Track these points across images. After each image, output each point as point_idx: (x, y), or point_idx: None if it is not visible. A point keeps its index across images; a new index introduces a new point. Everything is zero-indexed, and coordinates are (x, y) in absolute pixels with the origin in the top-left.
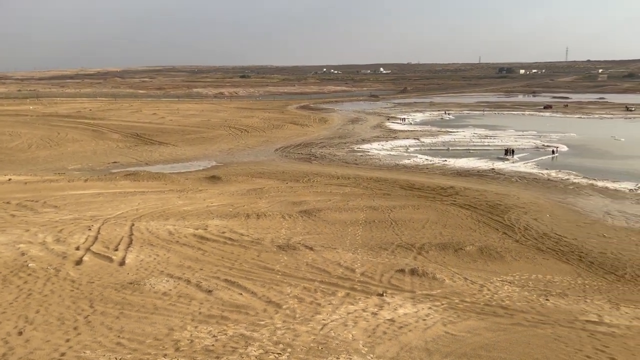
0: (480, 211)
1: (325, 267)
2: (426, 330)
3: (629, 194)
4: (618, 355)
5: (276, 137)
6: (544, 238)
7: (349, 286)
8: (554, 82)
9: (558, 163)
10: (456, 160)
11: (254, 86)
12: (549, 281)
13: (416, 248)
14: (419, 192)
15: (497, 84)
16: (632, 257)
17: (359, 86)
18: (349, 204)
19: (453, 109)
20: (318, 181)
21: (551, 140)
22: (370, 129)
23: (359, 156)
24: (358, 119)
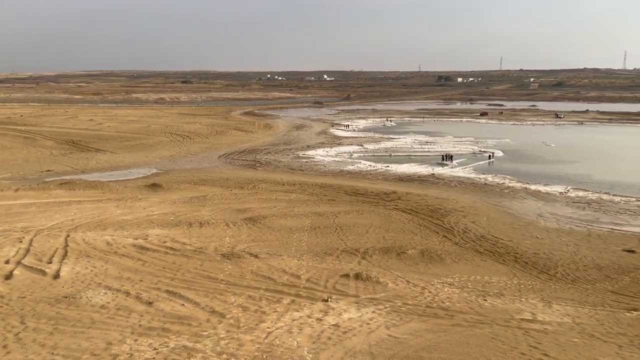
0: (421, 215)
1: (271, 275)
2: (370, 334)
3: (559, 196)
4: (550, 351)
5: (220, 143)
6: (482, 240)
7: (295, 293)
8: (489, 90)
9: (494, 168)
10: (398, 165)
11: (196, 92)
12: (486, 282)
13: (360, 253)
14: (363, 197)
15: (436, 91)
16: (562, 257)
17: (304, 93)
18: (295, 211)
19: (395, 116)
20: (263, 188)
21: (487, 146)
22: (315, 136)
23: (304, 162)
24: (303, 126)
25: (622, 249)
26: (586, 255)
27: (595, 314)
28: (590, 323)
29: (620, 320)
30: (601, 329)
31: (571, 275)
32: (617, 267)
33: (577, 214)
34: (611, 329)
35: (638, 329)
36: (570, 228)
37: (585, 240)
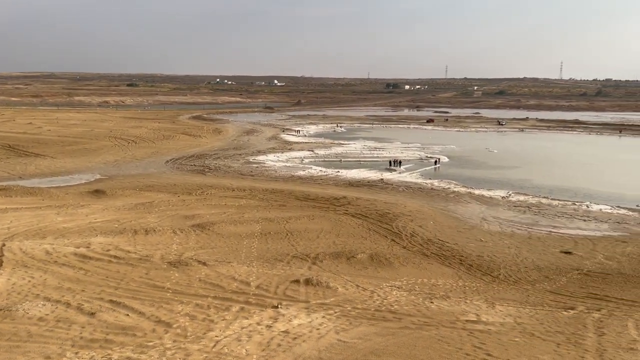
0: (370, 220)
1: (219, 282)
2: (320, 339)
3: (501, 201)
4: (493, 351)
5: (167, 148)
6: (429, 244)
7: (244, 300)
8: (435, 98)
9: (440, 173)
10: (348, 171)
11: (142, 95)
12: (433, 284)
13: (311, 258)
14: (314, 202)
15: (385, 98)
16: (505, 259)
17: (254, 98)
18: (245, 216)
19: (345, 122)
20: (212, 193)
21: (434, 152)
22: (266, 141)
23: (254, 168)
24: (253, 131)
25: (560, 250)
26: (527, 257)
27: (535, 314)
28: (530, 322)
29: (558, 319)
30: (540, 328)
31: (513, 276)
32: (555, 268)
33: (518, 218)
34: (550, 328)
35: (574, 327)
36: (512, 231)
37: (526, 243)
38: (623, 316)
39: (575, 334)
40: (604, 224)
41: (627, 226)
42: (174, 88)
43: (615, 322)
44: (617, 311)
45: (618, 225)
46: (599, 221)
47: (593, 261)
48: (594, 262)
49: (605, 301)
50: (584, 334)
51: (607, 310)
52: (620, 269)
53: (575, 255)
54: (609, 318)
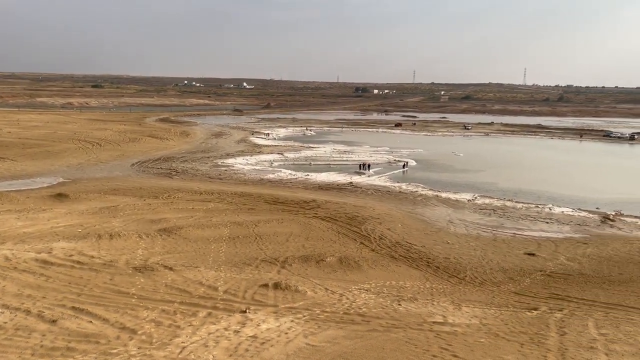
0: (340, 223)
1: (186, 287)
2: (288, 343)
3: (467, 203)
4: (459, 352)
5: (133, 151)
6: (397, 246)
7: (211, 305)
8: (403, 102)
9: (408, 176)
10: (318, 174)
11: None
12: (401, 287)
13: (280, 262)
14: (283, 206)
15: (354, 102)
16: (470, 261)
17: (223, 100)
18: (213, 220)
19: (314, 125)
20: (179, 197)
21: (402, 156)
22: (235, 144)
23: (223, 171)
24: (222, 133)
25: (524, 252)
26: (492, 259)
27: (500, 315)
28: (495, 323)
29: (522, 319)
30: (505, 329)
31: (479, 278)
32: (519, 270)
33: (483, 220)
34: (514, 328)
35: (537, 327)
36: (478, 233)
37: (491, 245)
38: (584, 316)
39: (538, 333)
40: (566, 226)
41: (588, 228)
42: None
43: (576, 321)
44: (578, 311)
45: (579, 227)
46: (561, 223)
47: (555, 262)
48: (556, 263)
49: (566, 301)
50: (546, 333)
51: (568, 310)
52: (581, 270)
53: (539, 256)
54: (570, 318)
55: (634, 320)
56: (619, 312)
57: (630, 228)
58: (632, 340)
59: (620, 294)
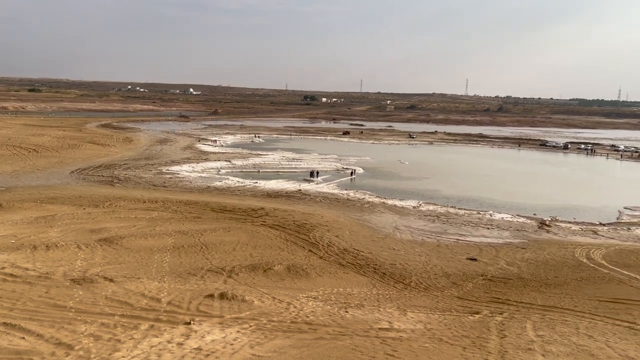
0: (288, 231)
1: (128, 299)
2: (233, 354)
3: (412, 210)
4: (405, 358)
5: (72, 157)
6: (345, 253)
7: (154, 317)
8: (351, 111)
9: (356, 184)
10: (266, 182)
11: (46, 101)
12: (348, 294)
13: (226, 271)
14: (231, 214)
15: (302, 110)
16: (416, 267)
17: (168, 106)
18: (156, 229)
19: (263, 133)
20: (121, 206)
21: (350, 163)
22: (181, 150)
23: (168, 178)
24: (167, 140)
25: (466, 257)
26: (436, 264)
27: (444, 319)
28: (439, 328)
29: (465, 323)
30: (448, 333)
31: (424, 283)
32: (462, 275)
33: (428, 227)
34: (457, 332)
35: (479, 331)
36: (423, 239)
37: (435, 251)
38: (522, 318)
39: (480, 337)
40: (506, 231)
41: (526, 233)
42: (81, 94)
43: (516, 324)
44: (517, 314)
45: (518, 233)
46: (501, 229)
47: (496, 267)
48: (496, 267)
49: (506, 305)
50: (487, 337)
51: (508, 313)
52: (519, 274)
53: (480, 261)
54: (510, 321)
55: (568, 322)
56: (555, 314)
57: (565, 233)
58: (567, 341)
59: (556, 296)
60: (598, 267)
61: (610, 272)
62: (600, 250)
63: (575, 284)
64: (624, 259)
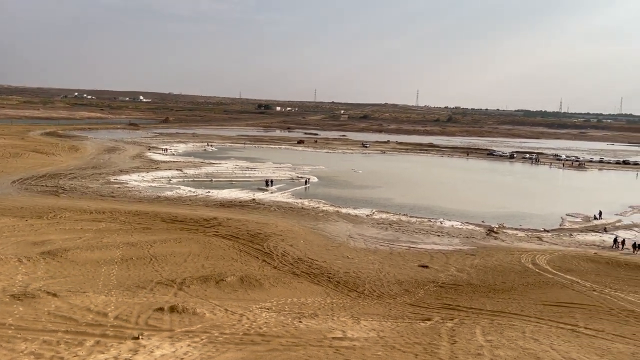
0: (242, 241)
1: (72, 315)
2: None
3: (366, 218)
4: None
5: (14, 167)
6: (299, 263)
7: (100, 333)
8: (305, 120)
9: (310, 193)
10: (219, 191)
11: None
12: (302, 303)
13: (177, 283)
14: (182, 224)
15: (256, 118)
16: (369, 275)
17: (117, 114)
18: (104, 241)
19: (216, 141)
20: (66, 217)
21: (304, 172)
22: (130, 159)
23: (116, 188)
24: (115, 149)
25: (418, 264)
26: (389, 272)
27: (397, 327)
28: (392, 335)
29: (417, 330)
30: (401, 340)
31: (377, 291)
32: (414, 282)
33: (381, 234)
34: (409, 339)
35: (430, 337)
36: (376, 247)
37: (388, 258)
38: (472, 324)
39: (431, 343)
40: (455, 238)
41: (475, 240)
42: (24, 101)
43: (465, 329)
44: (467, 319)
45: (467, 240)
46: (451, 236)
47: (446, 274)
48: (447, 274)
49: (457, 310)
50: (438, 343)
51: (458, 319)
52: (469, 280)
53: (431, 268)
54: (460, 326)
55: (515, 326)
56: (503, 318)
57: (512, 239)
58: (514, 345)
59: (503, 301)
60: (543, 272)
61: (554, 276)
62: (544, 255)
63: (521, 289)
64: (566, 264)
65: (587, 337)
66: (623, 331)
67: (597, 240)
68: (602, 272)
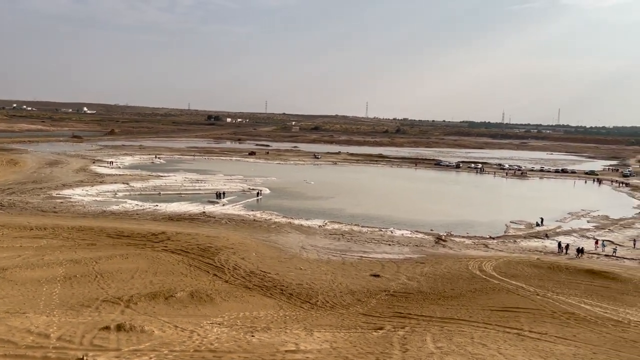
0: (192, 255)
1: (11, 337)
2: None
3: (318, 229)
4: None
5: None
6: (251, 276)
7: (41, 355)
8: (256, 131)
9: (262, 204)
10: (168, 204)
11: None
12: (255, 317)
13: (124, 301)
14: (129, 239)
15: (206, 130)
16: (322, 286)
17: (59, 126)
18: (45, 259)
19: (164, 153)
20: (4, 234)
21: (256, 184)
22: (73, 173)
23: (58, 203)
24: (58, 162)
25: (370, 274)
26: (342, 282)
27: (349, 337)
28: (345, 346)
29: (369, 339)
30: (354, 350)
31: (330, 302)
32: (366, 291)
33: (333, 245)
34: (362, 349)
35: (383, 346)
36: (328, 258)
37: (340, 269)
38: (423, 331)
39: (383, 352)
40: (406, 247)
41: (424, 248)
42: None
43: (417, 337)
44: (418, 327)
45: (417, 248)
46: (402, 245)
47: (398, 282)
48: (398, 283)
49: (408, 318)
50: (391, 352)
51: (409, 327)
52: (419, 288)
53: (383, 277)
54: (411, 334)
55: (464, 332)
56: (452, 325)
57: (459, 247)
58: (463, 351)
59: (453, 308)
60: (489, 278)
61: (500, 282)
62: (490, 262)
63: (470, 295)
64: (511, 270)
65: (531, 341)
66: (565, 333)
67: (540, 246)
68: (544, 277)
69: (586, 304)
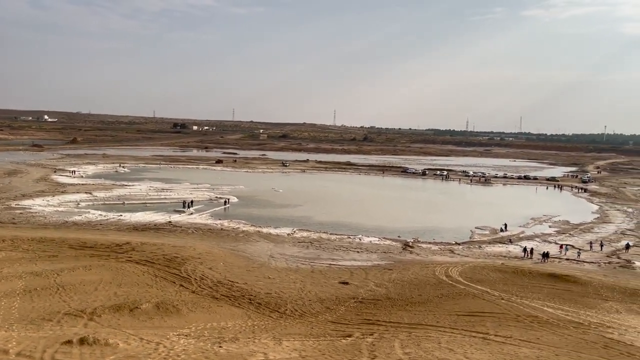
0: (157, 266)
1: None
2: None
3: (287, 237)
4: None
5: None
6: (219, 286)
7: None
8: (224, 139)
9: (230, 213)
10: (132, 214)
11: None
12: (222, 327)
13: (87, 313)
14: (92, 250)
15: (172, 138)
16: (291, 294)
17: (19, 134)
18: (3, 272)
19: (128, 162)
20: None
21: (223, 192)
22: (33, 183)
23: (17, 214)
24: (17, 171)
25: (338, 281)
26: (311, 290)
27: (318, 345)
28: (314, 354)
29: (338, 347)
30: (322, 359)
31: (299, 310)
32: (335, 299)
33: (302, 253)
34: (331, 357)
35: (351, 354)
36: (297, 266)
37: (309, 277)
38: (391, 337)
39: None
40: (374, 254)
41: (392, 255)
42: None
43: (385, 344)
44: (386, 333)
45: (385, 255)
46: (370, 252)
47: (366, 289)
48: (366, 289)
49: (376, 325)
50: (359, 359)
51: (378, 333)
52: (387, 294)
53: (352, 284)
54: (380, 341)
55: (432, 337)
56: (420, 330)
57: (426, 253)
58: (430, 356)
59: (420, 313)
60: (456, 283)
61: (466, 287)
62: (457, 267)
63: (437, 301)
64: (476, 275)
65: (497, 344)
66: (529, 336)
67: (504, 251)
68: (509, 281)
69: (549, 307)
